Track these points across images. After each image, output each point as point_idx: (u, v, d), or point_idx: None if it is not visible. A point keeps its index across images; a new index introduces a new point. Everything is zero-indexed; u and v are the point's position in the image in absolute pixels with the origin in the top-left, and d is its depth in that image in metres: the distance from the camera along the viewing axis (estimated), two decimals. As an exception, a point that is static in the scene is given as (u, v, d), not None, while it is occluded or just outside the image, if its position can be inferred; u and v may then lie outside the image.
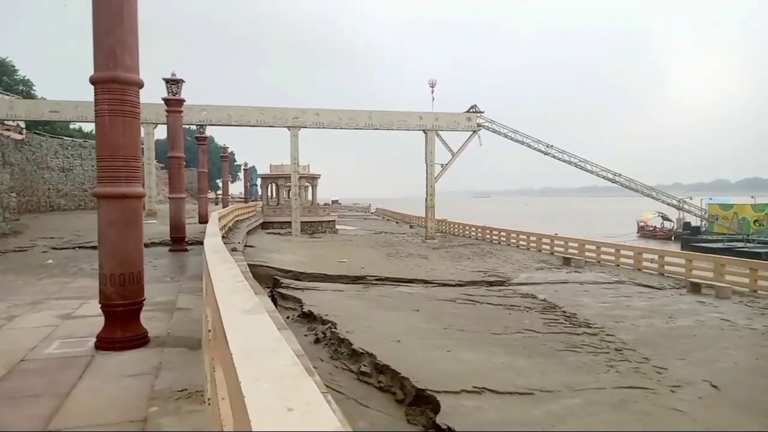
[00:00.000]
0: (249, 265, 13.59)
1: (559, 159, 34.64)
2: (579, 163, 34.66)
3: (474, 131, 33.12)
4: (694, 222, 41.51)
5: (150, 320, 5.35)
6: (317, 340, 9.62)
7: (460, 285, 16.22)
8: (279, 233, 32.64)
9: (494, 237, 32.08)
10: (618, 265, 21.27)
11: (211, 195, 47.77)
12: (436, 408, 6.38)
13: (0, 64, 42.47)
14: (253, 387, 1.13)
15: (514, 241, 29.58)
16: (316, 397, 1.11)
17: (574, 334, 10.36)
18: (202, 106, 30.52)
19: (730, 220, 37.82)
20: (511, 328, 10.61)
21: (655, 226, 45.03)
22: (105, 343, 4.74)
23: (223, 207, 31.28)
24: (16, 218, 19.51)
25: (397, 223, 52.43)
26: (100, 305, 4.88)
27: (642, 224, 46.64)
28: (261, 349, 1.44)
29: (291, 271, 16.72)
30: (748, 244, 32.25)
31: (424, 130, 33.07)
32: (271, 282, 15.29)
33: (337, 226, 41.31)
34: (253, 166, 67.24)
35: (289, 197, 47.78)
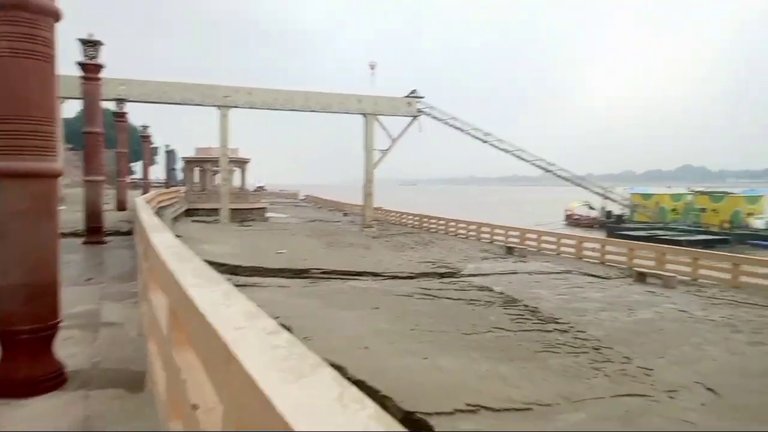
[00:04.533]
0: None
1: (496, 147, 34.67)
2: (516, 152, 34.91)
3: (414, 117, 32.38)
4: (615, 211, 43.39)
5: (66, 344, 3.94)
6: (270, 347, 8.34)
7: (411, 277, 15.36)
8: (206, 221, 30.40)
9: (432, 225, 31.66)
10: (559, 254, 21.35)
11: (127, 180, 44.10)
12: (430, 434, 5.41)
13: None
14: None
15: (453, 229, 29.27)
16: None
17: (545, 331, 9.76)
18: (121, 79, 27.56)
19: (652, 209, 39.80)
20: (479, 326, 9.84)
21: (581, 215, 46.70)
22: (2, 386, 3.30)
23: (144, 192, 28.60)
24: None
25: (330, 210, 51.01)
26: (-6, 331, 3.42)
27: (569, 213, 48.24)
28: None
29: (225, 265, 15.14)
30: (669, 232, 33.94)
31: (363, 114, 31.92)
32: (205, 277, 13.67)
33: (267, 214, 39.35)
34: (173, 149, 63.20)
35: (215, 182, 45.11)
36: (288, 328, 5.62)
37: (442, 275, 15.86)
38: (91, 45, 10.97)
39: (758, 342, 9.30)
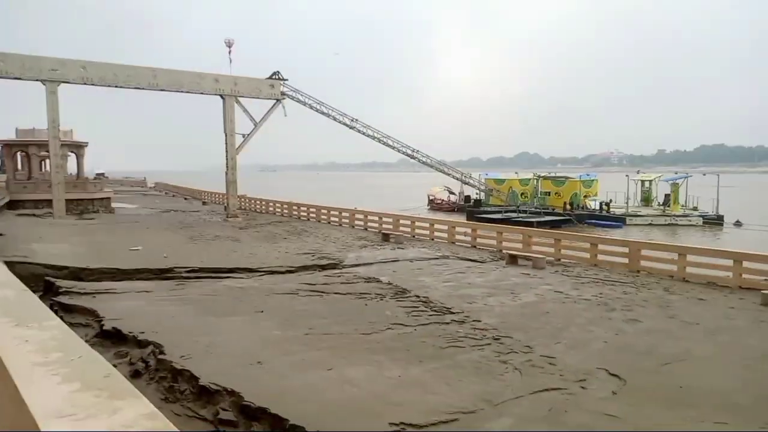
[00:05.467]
0: (5, 263, 9.62)
1: (362, 133, 34.42)
2: (382, 139, 34.98)
3: (278, 100, 30.78)
4: (472, 195, 46.02)
5: None
6: (136, 373, 6.82)
7: (291, 271, 14.28)
8: (35, 215, 25.99)
9: (302, 214, 30.51)
10: (433, 239, 21.64)
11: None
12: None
13: None
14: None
15: (325, 217, 28.45)
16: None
17: (443, 323, 9.42)
18: None
19: (504, 193, 42.74)
20: (377, 323, 9.18)
21: (442, 199, 48.73)
22: None
23: (-52, 182, 23.46)
24: None
25: (186, 199, 47.07)
26: None
27: (431, 197, 50.09)
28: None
29: (67, 268, 12.77)
30: (521, 215, 36.66)
31: (221, 95, 29.56)
32: (40, 285, 11.25)
33: (113, 205, 34.97)
34: (-12, 130, 53.61)
35: (43, 170, 39.08)
36: (158, 345, 4.27)
37: (323, 267, 15.00)
38: None
39: (633, 320, 9.87)
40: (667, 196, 39.04)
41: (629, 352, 8.07)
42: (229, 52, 31.78)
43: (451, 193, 47.82)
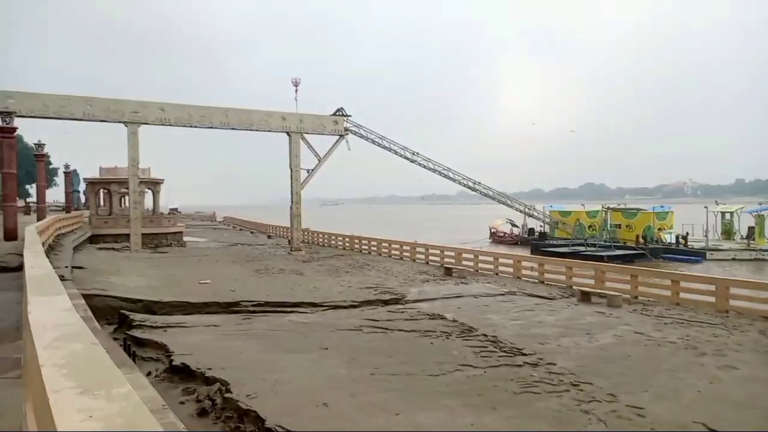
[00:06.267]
0: (83, 296, 10.05)
1: (423, 167, 34.43)
2: (443, 171, 34.82)
3: (341, 135, 31.40)
4: (536, 228, 44.62)
5: None
6: (203, 412, 6.77)
7: (354, 306, 14.12)
8: (114, 248, 27.43)
9: (363, 247, 30.56)
10: (497, 274, 20.98)
11: (20, 203, 39.55)
12: None
13: None
14: None
15: (386, 250, 28.34)
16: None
17: (515, 365, 8.89)
18: (8, 92, 24.37)
19: (571, 226, 41.16)
20: (444, 364, 8.78)
21: (504, 232, 47.60)
22: None
23: (39, 218, 25.25)
24: None
25: (252, 233, 48.51)
26: None
27: (493, 230, 49.06)
28: None
29: (141, 301, 13.18)
30: (590, 248, 35.04)
31: (288, 132, 30.49)
32: (115, 317, 11.66)
33: (184, 238, 36.52)
34: (75, 170, 58.14)
35: (123, 205, 41.57)
36: (225, 383, 4.12)
37: (386, 302, 14.75)
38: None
39: (728, 366, 8.95)
40: (751, 228, 36.24)
41: (728, 403, 7.26)
42: (296, 91, 32.89)
43: (514, 225, 46.64)
